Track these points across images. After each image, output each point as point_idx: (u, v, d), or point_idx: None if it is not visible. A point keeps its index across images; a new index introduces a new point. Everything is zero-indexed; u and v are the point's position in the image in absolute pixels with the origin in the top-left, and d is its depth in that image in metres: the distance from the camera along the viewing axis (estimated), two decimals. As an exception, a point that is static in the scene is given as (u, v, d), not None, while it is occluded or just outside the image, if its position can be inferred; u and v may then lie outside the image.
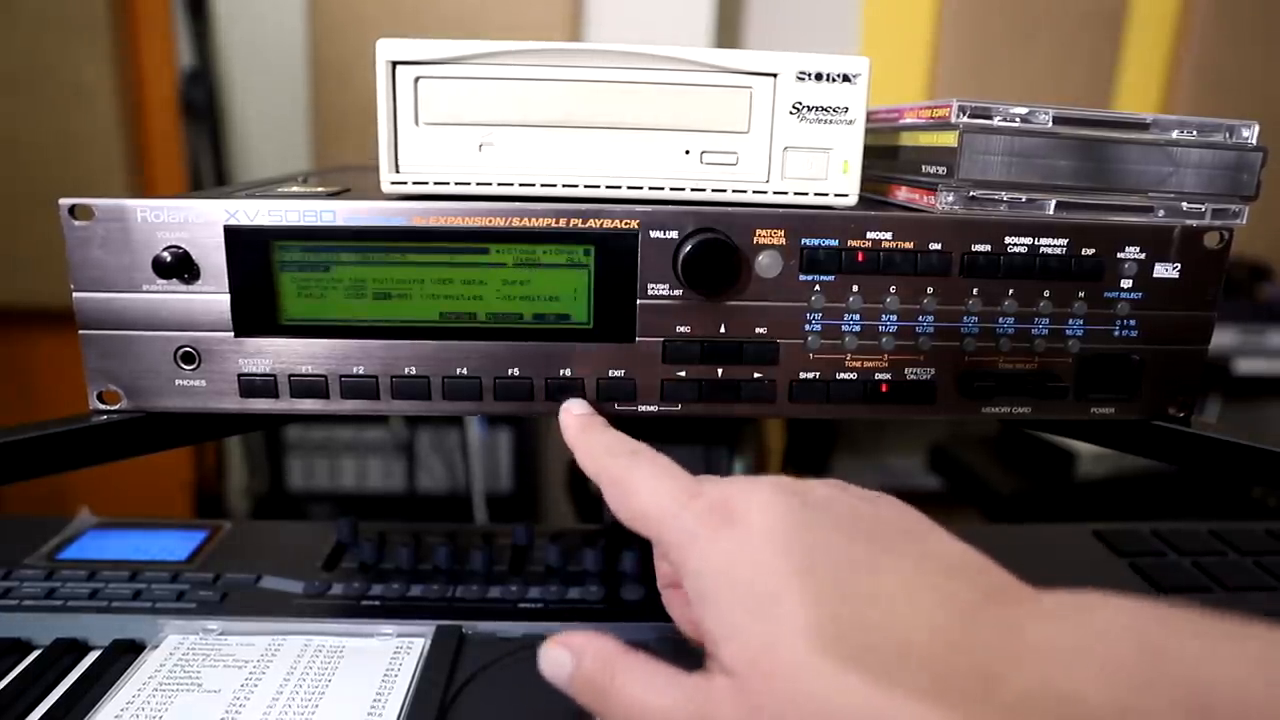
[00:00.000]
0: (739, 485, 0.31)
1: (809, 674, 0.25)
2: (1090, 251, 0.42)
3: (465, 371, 0.42)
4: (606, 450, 0.35)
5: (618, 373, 0.42)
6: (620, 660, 0.30)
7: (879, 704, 0.24)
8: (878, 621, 0.25)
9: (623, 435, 0.36)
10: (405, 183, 0.41)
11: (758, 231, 0.41)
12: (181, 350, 0.41)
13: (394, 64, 0.39)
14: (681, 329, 0.42)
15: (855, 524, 0.29)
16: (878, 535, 0.28)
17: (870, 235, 0.41)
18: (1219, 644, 0.23)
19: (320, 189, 0.45)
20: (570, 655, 0.31)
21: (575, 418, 0.39)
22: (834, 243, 0.41)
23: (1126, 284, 0.43)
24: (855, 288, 0.42)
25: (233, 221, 0.40)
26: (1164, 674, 0.22)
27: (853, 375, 0.43)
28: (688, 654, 0.32)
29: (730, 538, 0.28)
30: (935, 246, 0.42)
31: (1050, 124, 0.42)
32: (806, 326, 0.42)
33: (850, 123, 0.41)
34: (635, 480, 0.33)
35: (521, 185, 0.41)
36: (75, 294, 0.40)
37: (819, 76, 0.40)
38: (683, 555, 0.29)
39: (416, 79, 0.40)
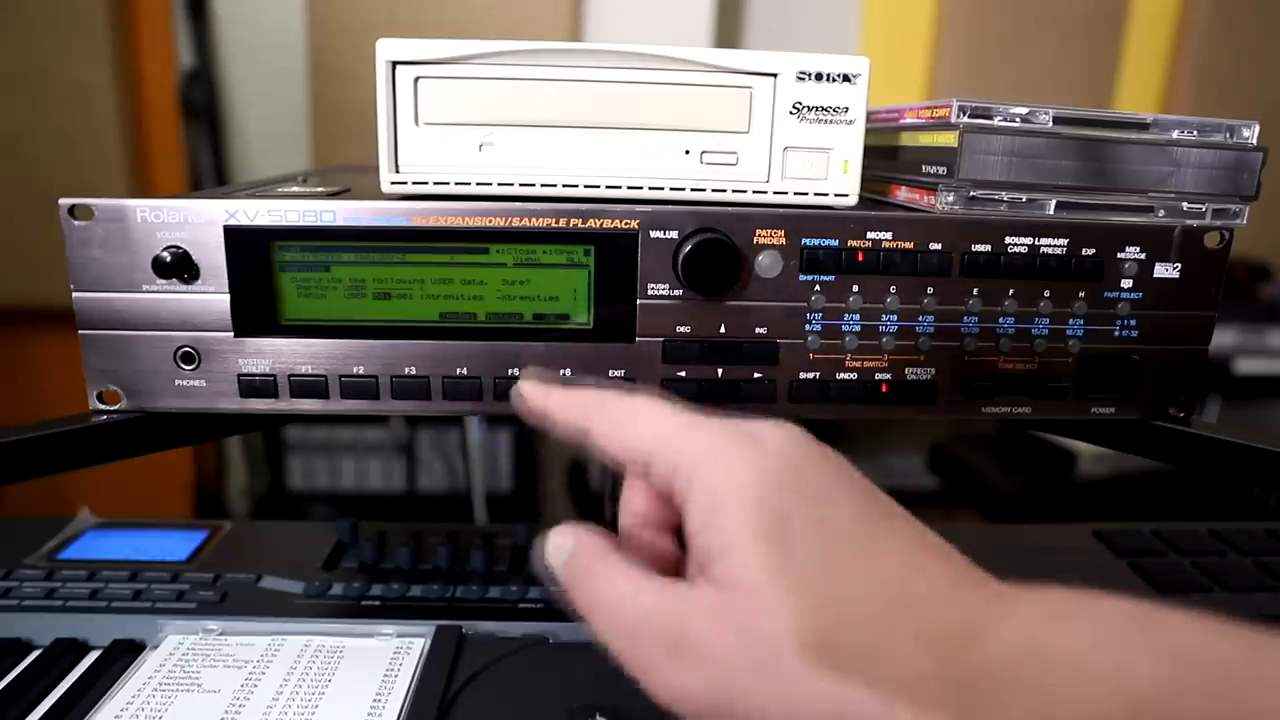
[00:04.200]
0: (753, 418, 0.30)
1: (802, 607, 0.24)
2: (1090, 251, 0.42)
3: (465, 371, 0.42)
4: (590, 392, 0.32)
5: (618, 373, 0.42)
6: (601, 555, 0.29)
7: (860, 659, 0.24)
8: (883, 572, 0.25)
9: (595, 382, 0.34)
10: (405, 183, 0.41)
11: (758, 231, 0.41)
12: (181, 350, 0.41)
13: (394, 64, 0.39)
14: (681, 329, 0.42)
15: (862, 484, 0.29)
16: (880, 502, 0.28)
17: (870, 235, 0.41)
18: (1201, 622, 0.23)
19: (320, 189, 0.45)
20: (562, 541, 0.30)
21: (534, 386, 0.34)
22: (834, 243, 0.41)
23: (1126, 284, 0.43)
24: (855, 288, 0.42)
25: (233, 221, 0.40)
26: (1149, 638, 0.22)
27: (853, 375, 0.43)
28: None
29: (752, 455, 0.28)
30: (935, 246, 0.42)
31: (1050, 124, 0.42)
32: (806, 326, 0.42)
33: (850, 123, 0.41)
34: (635, 407, 0.30)
35: (521, 185, 0.41)
36: (75, 294, 0.40)
37: (819, 76, 0.40)
38: (691, 468, 0.28)
39: (416, 79, 0.40)
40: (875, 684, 0.23)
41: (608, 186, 0.41)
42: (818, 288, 0.42)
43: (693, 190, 0.42)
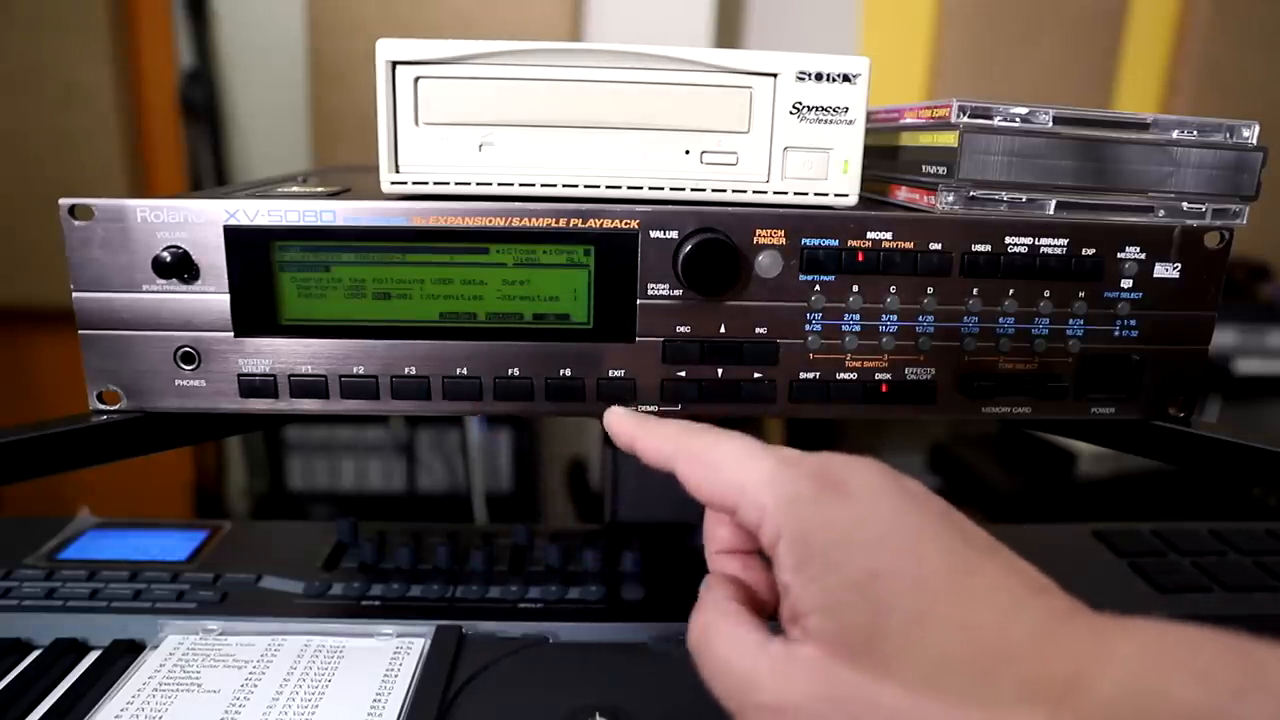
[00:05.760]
0: (839, 460, 0.30)
1: (901, 663, 0.25)
2: (1090, 251, 0.42)
3: (465, 371, 0.42)
4: (678, 428, 0.33)
5: (618, 373, 0.42)
6: (716, 607, 0.30)
7: (965, 707, 0.24)
8: (979, 620, 0.25)
9: (685, 421, 0.35)
10: (405, 183, 0.41)
11: (758, 231, 0.41)
12: (181, 350, 0.41)
13: (394, 64, 0.39)
14: (681, 329, 0.42)
15: (951, 523, 0.28)
16: (970, 539, 0.28)
17: (870, 235, 0.41)
18: None
19: (320, 189, 0.45)
20: (701, 594, 0.31)
21: (624, 415, 0.37)
22: (834, 243, 0.41)
23: (1126, 284, 0.43)
24: (855, 288, 0.42)
25: (232, 221, 0.40)
26: (1263, 684, 0.22)
27: (853, 375, 0.43)
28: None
29: (841, 506, 0.28)
30: (935, 246, 0.42)
31: (1050, 124, 0.42)
32: (806, 326, 0.42)
33: (850, 123, 0.41)
34: (721, 450, 0.31)
35: (521, 185, 0.41)
36: (75, 294, 0.40)
37: (819, 76, 0.40)
38: (780, 519, 0.28)
39: (416, 79, 0.40)
40: None
41: (608, 186, 0.41)
42: (818, 288, 0.42)
43: (693, 190, 0.42)
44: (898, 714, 0.24)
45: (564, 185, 0.41)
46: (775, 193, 0.42)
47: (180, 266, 0.39)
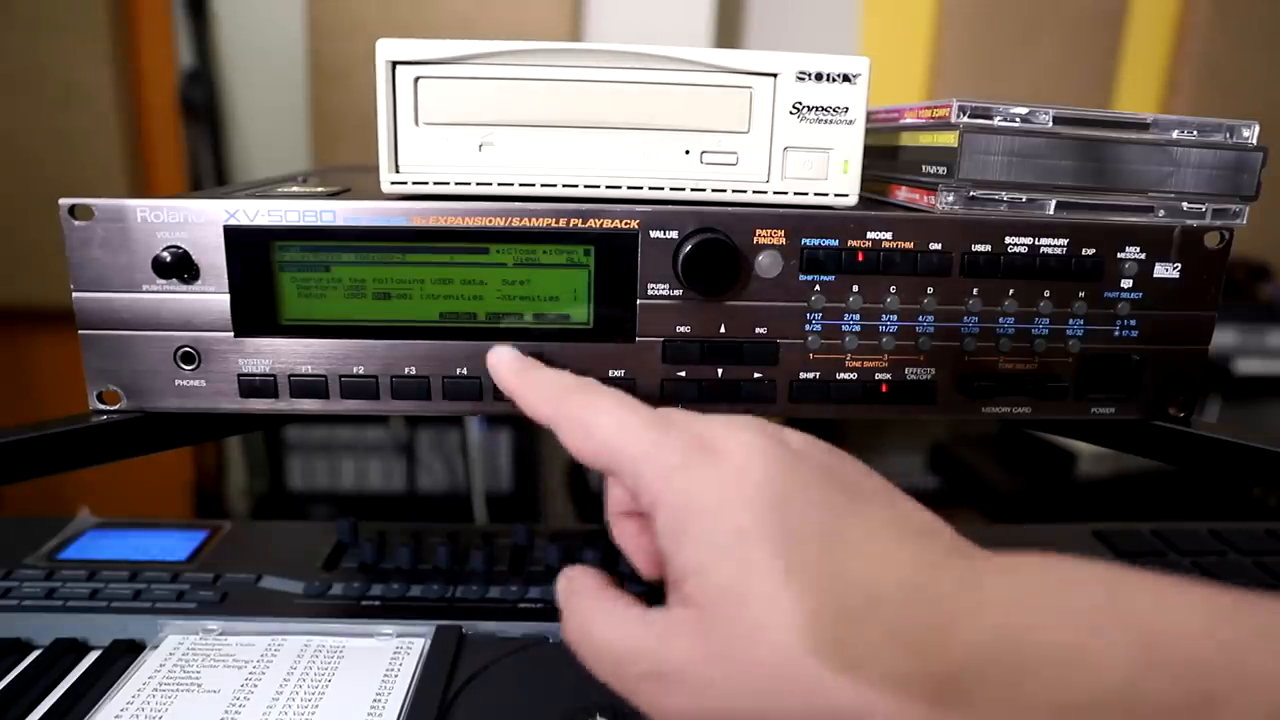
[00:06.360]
0: (717, 422, 0.30)
1: (770, 617, 0.25)
2: (1090, 251, 0.42)
3: (465, 371, 0.42)
4: (557, 387, 0.34)
5: (618, 373, 0.42)
6: (583, 592, 0.30)
7: (834, 656, 0.24)
8: (847, 571, 0.25)
9: (567, 372, 0.35)
10: (405, 183, 0.41)
11: (758, 231, 0.41)
12: (181, 350, 0.41)
13: (394, 64, 0.39)
14: (681, 329, 0.42)
15: (830, 475, 0.29)
16: (851, 489, 0.28)
17: (870, 235, 0.41)
18: (1167, 595, 0.23)
19: (320, 189, 0.45)
20: (560, 580, 0.32)
21: (509, 360, 0.37)
22: (834, 243, 0.41)
23: (1126, 284, 0.43)
24: (855, 288, 0.42)
25: (232, 221, 0.40)
26: (1117, 619, 0.22)
27: (853, 375, 0.43)
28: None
29: (712, 469, 0.28)
30: (935, 246, 0.42)
31: (1050, 124, 0.42)
32: (806, 326, 0.42)
33: (850, 123, 0.41)
34: (598, 413, 0.31)
35: (521, 185, 0.41)
36: (75, 294, 0.40)
37: (819, 76, 0.40)
38: (656, 488, 0.28)
39: (416, 79, 0.40)
40: (852, 683, 0.24)
41: (608, 186, 0.41)
42: (818, 288, 0.42)
43: (693, 190, 0.42)
44: (769, 671, 0.24)
45: (564, 185, 0.41)
46: (775, 193, 0.42)
47: (180, 266, 0.39)
